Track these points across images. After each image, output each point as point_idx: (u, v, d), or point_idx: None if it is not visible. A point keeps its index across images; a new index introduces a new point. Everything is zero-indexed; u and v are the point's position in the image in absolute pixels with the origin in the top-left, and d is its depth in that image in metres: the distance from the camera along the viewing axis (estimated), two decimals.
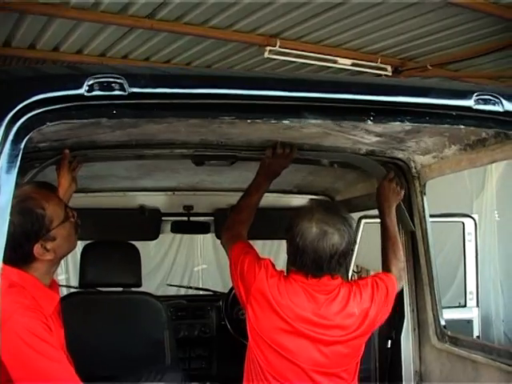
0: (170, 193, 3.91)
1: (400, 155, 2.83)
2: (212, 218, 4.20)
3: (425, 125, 1.82)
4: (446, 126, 1.71)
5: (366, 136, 2.47)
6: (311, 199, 4.31)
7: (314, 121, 1.62)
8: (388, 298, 2.41)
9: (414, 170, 2.87)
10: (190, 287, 4.78)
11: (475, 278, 4.51)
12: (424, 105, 1.64)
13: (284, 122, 1.66)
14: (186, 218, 4.13)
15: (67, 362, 1.89)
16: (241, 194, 4.04)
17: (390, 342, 2.84)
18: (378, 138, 2.51)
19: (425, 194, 2.85)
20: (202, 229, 4.24)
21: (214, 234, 4.34)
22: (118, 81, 1.34)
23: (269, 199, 4.18)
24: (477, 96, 1.67)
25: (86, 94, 1.32)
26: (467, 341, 2.60)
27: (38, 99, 1.28)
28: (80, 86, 1.32)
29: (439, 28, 5.69)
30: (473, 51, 6.22)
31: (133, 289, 3.05)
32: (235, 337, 3.79)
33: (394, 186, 2.73)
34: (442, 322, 2.73)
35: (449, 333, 2.67)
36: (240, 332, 3.88)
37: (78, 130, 2.14)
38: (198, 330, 3.93)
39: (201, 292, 5.22)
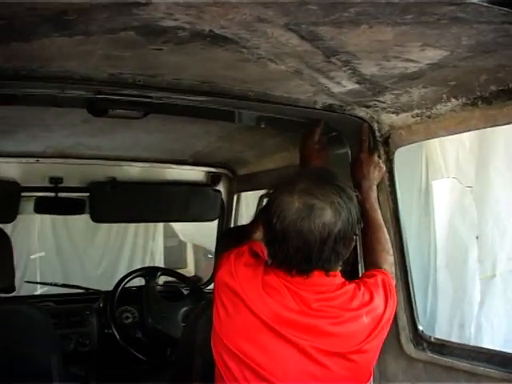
0: (32, 160, 3.12)
1: (361, 113, 2.28)
2: (87, 194, 3.39)
3: None
4: None
5: (344, 81, 1.92)
6: (208, 172, 3.69)
7: None
8: (394, 303, 1.85)
9: (377, 134, 2.32)
10: (56, 284, 3.82)
11: None
12: None
13: None
14: (53, 194, 3.27)
15: None
16: (128, 163, 3.37)
17: None
18: (354, 86, 1.96)
19: (393, 163, 2.31)
20: (74, 208, 3.38)
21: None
22: None
23: (154, 171, 3.54)
24: None
25: None
26: (458, 347, 2.12)
27: None
28: None
29: None
30: None
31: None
32: (125, 348, 3.02)
33: (376, 159, 2.21)
34: (420, 327, 2.22)
35: (432, 339, 2.17)
36: (130, 342, 3.12)
37: None
38: (75, 342, 3.05)
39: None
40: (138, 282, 3.48)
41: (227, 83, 1.95)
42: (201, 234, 6.60)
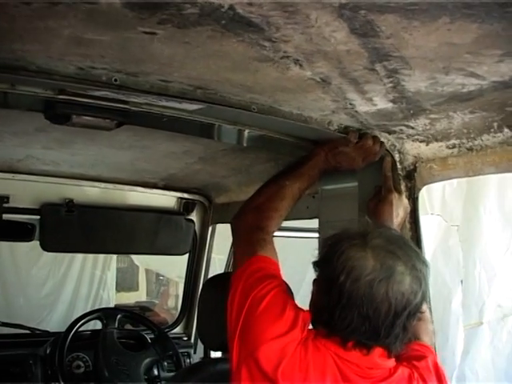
0: None
1: (381, 140, 1.91)
2: (38, 217, 2.95)
3: None
4: None
5: (377, 98, 1.58)
6: (181, 199, 3.27)
7: None
8: None
9: (399, 166, 1.97)
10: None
11: None
12: None
13: None
14: None
15: None
16: (88, 183, 2.95)
17: None
18: (386, 105, 1.63)
19: (417, 203, 1.97)
20: (21, 233, 2.92)
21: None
22: None
23: (118, 194, 3.13)
24: None
25: None
26: None
27: None
28: None
29: None
30: None
31: None
32: None
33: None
34: None
35: None
36: None
37: None
38: None
39: None
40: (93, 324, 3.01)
41: (227, 91, 1.59)
42: (157, 258, 6.18)
